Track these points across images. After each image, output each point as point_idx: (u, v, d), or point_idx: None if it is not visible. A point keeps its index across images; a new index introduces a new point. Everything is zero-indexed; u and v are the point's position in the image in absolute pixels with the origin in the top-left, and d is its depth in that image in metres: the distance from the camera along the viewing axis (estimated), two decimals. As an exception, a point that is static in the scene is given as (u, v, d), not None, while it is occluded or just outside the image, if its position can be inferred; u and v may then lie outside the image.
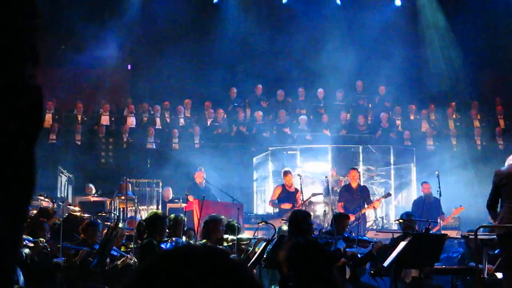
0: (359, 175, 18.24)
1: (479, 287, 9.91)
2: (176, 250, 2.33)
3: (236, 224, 12.10)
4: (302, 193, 17.00)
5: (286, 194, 17.66)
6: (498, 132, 22.34)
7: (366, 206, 16.98)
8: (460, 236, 10.51)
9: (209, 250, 2.23)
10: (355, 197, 17.23)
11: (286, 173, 17.87)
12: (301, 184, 17.35)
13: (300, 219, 10.27)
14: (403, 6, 24.44)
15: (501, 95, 23.99)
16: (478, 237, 9.91)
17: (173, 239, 10.74)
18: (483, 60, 24.53)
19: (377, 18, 23.45)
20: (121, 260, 11.10)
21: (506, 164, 10.13)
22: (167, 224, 10.81)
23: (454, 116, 23.02)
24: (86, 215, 14.53)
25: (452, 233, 15.40)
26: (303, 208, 15.85)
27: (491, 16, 23.61)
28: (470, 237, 10.36)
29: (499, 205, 9.87)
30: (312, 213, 16.23)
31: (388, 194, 18.13)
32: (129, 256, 11.21)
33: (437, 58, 23.83)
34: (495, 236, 9.97)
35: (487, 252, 10.61)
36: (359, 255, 11.27)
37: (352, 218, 14.93)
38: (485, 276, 9.95)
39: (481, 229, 9.94)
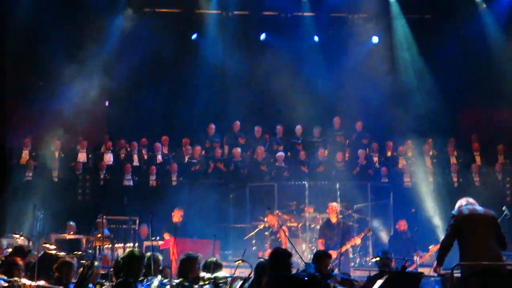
0: (339, 209, 18.24)
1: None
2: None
3: (217, 261, 12.06)
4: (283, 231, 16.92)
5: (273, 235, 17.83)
6: (475, 169, 22.42)
7: (347, 242, 16.91)
8: (436, 274, 10.50)
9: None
10: (336, 233, 17.20)
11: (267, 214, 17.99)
12: (278, 222, 17.36)
13: (280, 257, 10.20)
14: (380, 43, 24.57)
15: (477, 132, 24.10)
16: (454, 275, 9.95)
17: (149, 278, 10.69)
18: (460, 97, 24.67)
19: (354, 55, 23.60)
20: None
21: (460, 207, 10.35)
22: (144, 263, 10.74)
23: (430, 153, 23.09)
24: (61, 253, 14.42)
25: (429, 271, 15.40)
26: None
27: (469, 53, 23.80)
28: (446, 275, 10.38)
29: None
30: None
31: (369, 230, 18.14)
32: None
33: (414, 95, 23.92)
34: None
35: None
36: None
37: (334, 255, 14.81)
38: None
39: (457, 267, 9.97)
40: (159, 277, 11.45)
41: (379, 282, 10.21)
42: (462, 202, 10.55)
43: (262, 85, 23.73)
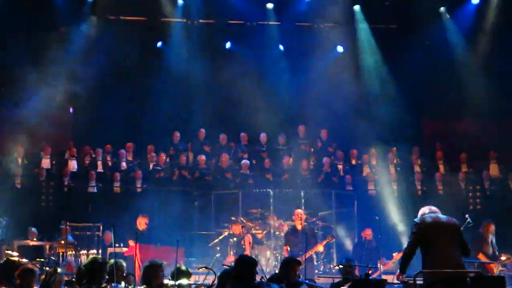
0: (305, 216, 18.28)
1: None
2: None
3: (186, 269, 12.03)
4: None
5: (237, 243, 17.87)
6: (438, 178, 22.60)
7: (310, 249, 16.95)
8: (399, 282, 10.56)
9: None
10: (301, 240, 17.22)
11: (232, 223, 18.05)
12: (243, 229, 17.38)
13: (244, 265, 10.18)
14: (345, 52, 24.70)
15: (441, 141, 24.30)
16: (417, 282, 10.01)
17: (112, 284, 10.65)
18: (424, 105, 24.90)
19: (319, 64, 23.64)
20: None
21: (422, 214, 10.49)
22: (107, 270, 10.69)
23: (395, 161, 23.23)
24: (24, 260, 14.30)
25: (392, 278, 15.49)
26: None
27: (433, 63, 23.96)
28: (409, 283, 10.45)
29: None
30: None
31: (332, 237, 18.20)
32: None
33: (378, 103, 24.03)
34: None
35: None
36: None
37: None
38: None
39: (420, 274, 10.03)
40: (123, 284, 11.42)
41: (343, 289, 10.25)
42: (425, 210, 10.63)
43: (227, 93, 23.67)
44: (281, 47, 24.81)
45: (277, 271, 11.46)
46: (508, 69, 22.76)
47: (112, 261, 11.64)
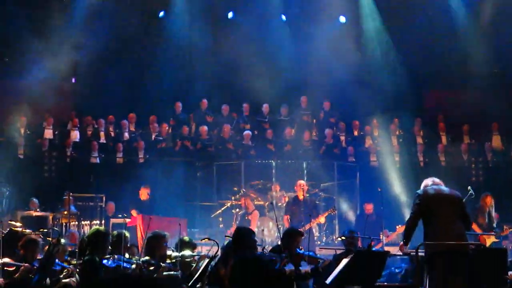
0: (307, 187, 18.31)
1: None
2: (110, 279, 2.32)
3: (191, 240, 12.08)
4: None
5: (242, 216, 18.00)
6: (440, 149, 22.58)
7: (312, 220, 16.97)
8: (401, 253, 10.59)
9: (141, 279, 2.22)
10: (302, 210, 17.26)
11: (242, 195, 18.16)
12: (245, 201, 17.44)
13: (243, 235, 10.26)
14: (347, 23, 24.60)
15: (443, 112, 24.25)
16: (419, 254, 10.03)
17: (116, 256, 10.68)
18: (427, 77, 24.82)
19: (321, 35, 23.51)
20: (62, 276, 10.88)
21: (425, 186, 10.45)
22: (110, 241, 10.74)
23: (397, 133, 23.21)
24: (27, 230, 14.33)
25: (395, 250, 15.53)
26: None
27: (436, 34, 23.90)
28: (411, 254, 10.47)
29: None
30: (256, 229, 16.34)
31: (334, 209, 18.23)
32: (71, 267, 10.97)
33: (381, 74, 23.99)
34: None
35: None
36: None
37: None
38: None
39: (422, 246, 10.05)
40: (126, 255, 11.46)
41: (345, 260, 10.26)
42: (427, 182, 10.62)
43: (229, 63, 23.58)
44: (283, 17, 24.71)
45: (279, 243, 11.47)
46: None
47: (115, 232, 11.68)
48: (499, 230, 16.53)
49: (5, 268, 10.89)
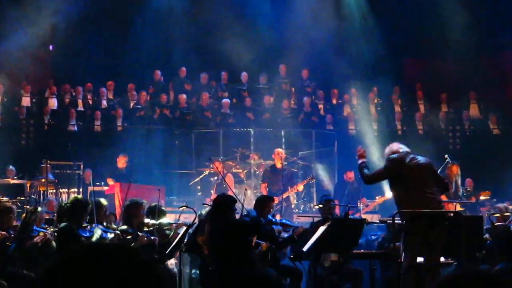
0: (284, 156, 18.35)
1: (397, 271, 10.08)
2: (86, 248, 2.33)
3: (161, 207, 12.06)
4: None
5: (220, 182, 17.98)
6: (418, 117, 22.71)
7: (289, 189, 17.04)
8: (378, 221, 10.66)
9: (118, 249, 2.23)
10: (280, 179, 17.32)
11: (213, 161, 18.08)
12: (223, 169, 17.44)
13: (224, 203, 10.26)
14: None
15: (422, 80, 24.33)
16: (396, 222, 10.07)
17: (93, 224, 10.69)
18: (405, 44, 24.83)
19: (301, 3, 23.43)
20: (40, 237, 10.81)
21: (399, 153, 10.26)
22: (88, 211, 10.73)
23: (375, 101, 23.28)
24: (4, 198, 14.31)
25: (372, 218, 15.66)
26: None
27: (415, 2, 23.88)
28: (388, 221, 10.52)
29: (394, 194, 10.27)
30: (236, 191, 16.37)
31: (312, 177, 18.29)
32: (48, 232, 10.91)
33: (359, 42, 23.96)
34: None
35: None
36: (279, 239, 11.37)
37: (276, 200, 14.84)
38: (402, 259, 10.09)
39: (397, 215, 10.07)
40: (104, 223, 11.46)
41: (322, 228, 10.33)
42: (397, 147, 10.39)
43: (208, 31, 23.48)
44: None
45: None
46: (492, 9, 22.73)
47: (93, 200, 11.66)
48: (465, 198, 16.59)
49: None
